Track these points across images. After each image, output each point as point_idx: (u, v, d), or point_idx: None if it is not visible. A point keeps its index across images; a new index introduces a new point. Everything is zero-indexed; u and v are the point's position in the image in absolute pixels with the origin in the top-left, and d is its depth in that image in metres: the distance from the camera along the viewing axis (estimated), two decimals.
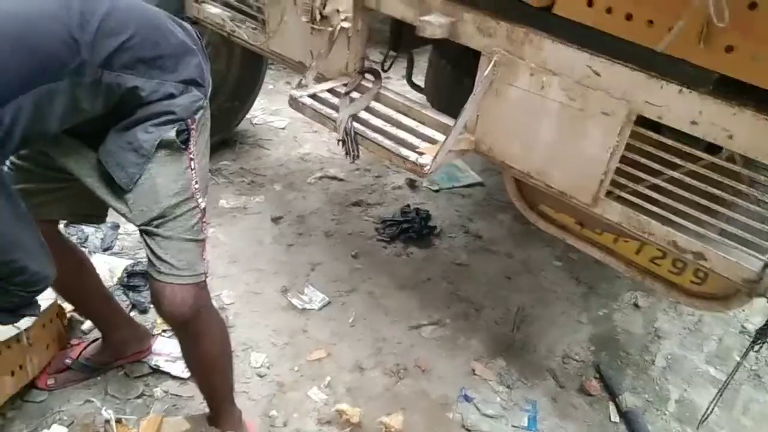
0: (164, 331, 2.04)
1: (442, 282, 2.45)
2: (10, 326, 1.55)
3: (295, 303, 2.25)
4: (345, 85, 1.89)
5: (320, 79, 1.98)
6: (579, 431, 1.92)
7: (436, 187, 3.05)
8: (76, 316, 2.06)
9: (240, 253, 2.44)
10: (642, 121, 1.35)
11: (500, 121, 1.61)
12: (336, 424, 1.83)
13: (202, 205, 1.38)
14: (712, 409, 1.63)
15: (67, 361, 1.84)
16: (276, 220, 2.68)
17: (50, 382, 1.81)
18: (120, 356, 1.90)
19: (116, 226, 2.43)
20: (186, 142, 1.32)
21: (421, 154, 1.61)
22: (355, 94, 1.86)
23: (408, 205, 2.85)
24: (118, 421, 1.58)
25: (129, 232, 2.42)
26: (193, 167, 1.35)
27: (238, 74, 2.85)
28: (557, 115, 1.48)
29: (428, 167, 1.56)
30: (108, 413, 1.60)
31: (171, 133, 1.28)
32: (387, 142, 1.65)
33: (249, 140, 3.25)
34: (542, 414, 1.96)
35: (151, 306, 2.13)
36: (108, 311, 1.86)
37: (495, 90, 1.58)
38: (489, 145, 1.67)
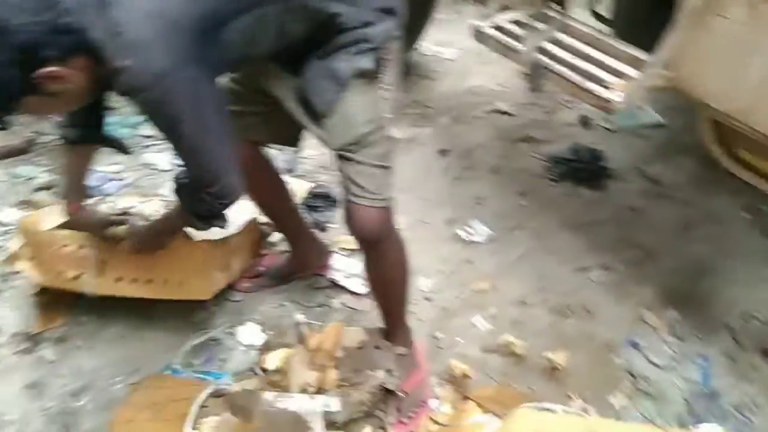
0: (342, 249, 2.20)
1: (613, 226, 2.37)
2: (220, 231, 1.76)
3: (460, 234, 2.31)
4: (530, 15, 1.84)
5: (504, 9, 1.94)
6: (758, 395, 1.80)
7: (612, 126, 2.89)
8: (266, 229, 2.29)
9: (409, 183, 2.51)
10: None
11: (705, 56, 1.48)
12: (500, 354, 1.88)
13: (393, 134, 1.44)
14: None
15: (261, 269, 2.07)
16: (443, 152, 2.72)
17: (246, 285, 2.05)
18: (304, 269, 2.09)
19: (299, 151, 2.61)
20: (381, 71, 1.37)
21: (610, 89, 1.54)
22: (540, 25, 1.80)
23: (580, 144, 2.74)
24: (308, 324, 1.75)
25: (310, 156, 2.59)
26: (386, 97, 1.40)
27: (410, 3, 2.84)
28: None
29: (619, 103, 1.50)
30: (300, 317, 1.77)
31: (368, 62, 1.33)
32: (574, 76, 1.60)
33: (418, 72, 3.28)
34: (716, 371, 1.86)
35: (330, 225, 2.31)
36: (298, 228, 2.03)
37: (701, 22, 1.45)
38: (689, 82, 1.55)
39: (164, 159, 2.68)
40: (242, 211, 2.01)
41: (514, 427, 1.48)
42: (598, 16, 2.50)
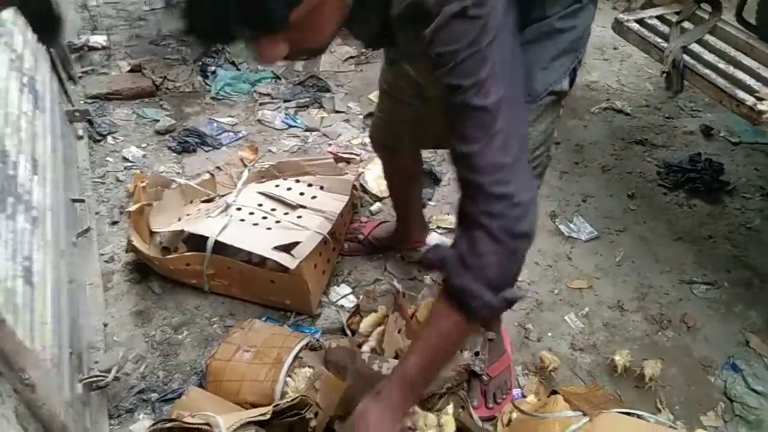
0: (438, 227, 2.22)
1: (725, 243, 2.25)
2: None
3: (562, 229, 2.27)
4: (677, 13, 1.76)
5: (647, 6, 1.87)
6: None
7: (736, 139, 2.73)
8: (367, 197, 2.34)
9: None
10: None
11: None
12: (589, 354, 1.85)
13: None
14: None
15: (360, 236, 2.12)
16: (554, 144, 2.66)
17: (345, 247, 2.10)
18: (402, 243, 2.12)
19: None
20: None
21: (760, 99, 1.46)
22: (687, 24, 1.72)
23: (699, 154, 2.60)
24: (403, 294, 1.79)
25: None
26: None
27: None
28: None
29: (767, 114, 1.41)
30: (399, 285, 1.81)
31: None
32: (720, 81, 1.52)
33: None
34: None
35: (429, 202, 2.33)
36: (415, 207, 2.07)
37: None
38: None
39: (279, 118, 2.78)
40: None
41: (604, 428, 1.46)
42: (745, 23, 2.34)
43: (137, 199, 2.02)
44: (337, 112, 2.84)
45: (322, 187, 2.16)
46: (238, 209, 2.04)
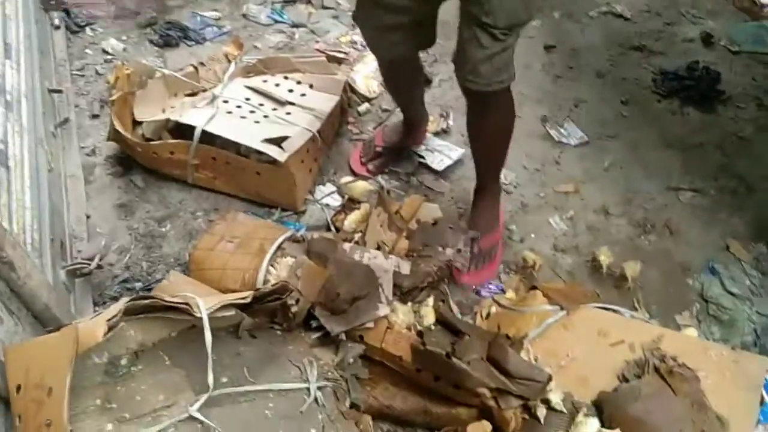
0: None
1: (715, 151, 2.23)
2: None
3: (552, 134, 2.24)
4: None
5: None
6: None
7: (736, 48, 2.65)
8: (355, 97, 2.28)
9: None
10: None
11: None
12: (570, 255, 1.87)
13: None
14: None
15: (378, 148, 2.05)
16: (548, 48, 2.59)
17: (371, 168, 2.03)
18: (412, 140, 2.09)
19: None
20: None
21: None
22: None
23: (697, 62, 2.54)
24: (387, 191, 1.78)
25: None
26: None
27: None
28: None
29: None
30: (383, 181, 1.80)
31: None
32: None
33: None
34: None
35: None
36: (420, 103, 2.04)
37: None
38: None
39: (265, 12, 2.67)
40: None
41: (580, 321, 1.50)
42: None
43: (121, 87, 1.95)
44: (326, 8, 2.72)
45: (311, 86, 2.10)
46: (225, 102, 2.00)
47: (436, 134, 2.20)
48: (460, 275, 1.73)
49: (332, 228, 1.83)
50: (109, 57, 2.42)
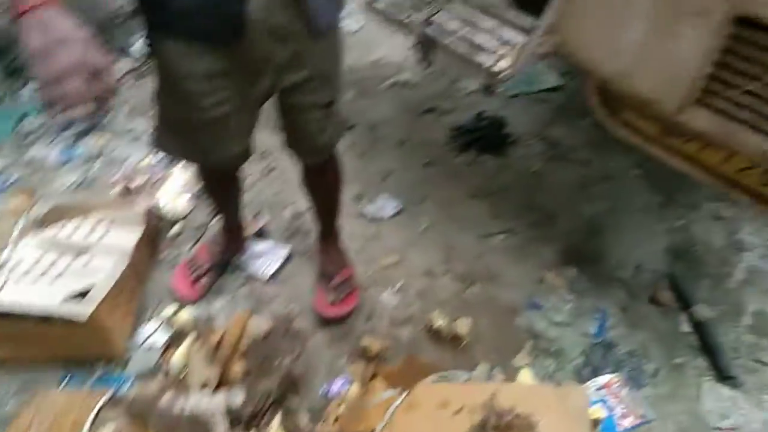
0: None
1: (514, 191, 2.43)
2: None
3: (367, 211, 2.31)
4: None
5: None
6: (648, 340, 1.92)
7: (513, 92, 2.94)
8: (165, 220, 2.21)
9: None
10: (741, 21, 1.24)
11: (587, 21, 1.52)
12: (407, 326, 1.91)
13: None
14: None
15: (204, 267, 1.98)
16: (349, 128, 2.69)
17: (199, 289, 1.96)
18: (237, 248, 2.07)
19: None
20: None
21: (499, 58, 1.56)
22: None
23: (482, 112, 2.78)
24: (208, 320, 1.72)
25: None
26: None
27: None
28: (648, 15, 1.37)
29: (506, 73, 1.51)
30: (193, 311, 1.73)
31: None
32: (462, 48, 1.60)
33: None
34: (611, 322, 1.96)
35: None
36: (239, 211, 2.02)
37: None
38: (573, 46, 1.57)
39: (55, 151, 2.53)
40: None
41: (422, 398, 1.52)
42: None
43: None
44: (119, 133, 2.64)
45: (111, 224, 2.01)
46: (16, 263, 1.84)
47: (257, 237, 2.18)
48: (325, 310, 1.88)
49: (161, 371, 1.72)
50: None
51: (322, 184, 1.82)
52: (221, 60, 1.26)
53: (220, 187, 1.86)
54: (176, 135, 1.47)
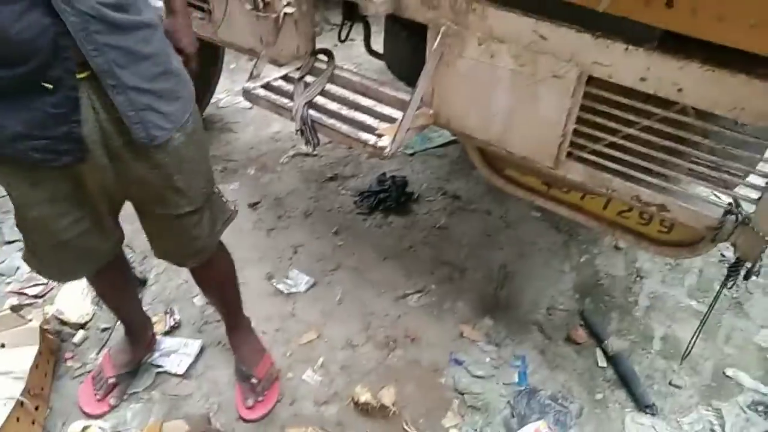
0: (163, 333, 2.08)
1: (424, 248, 2.48)
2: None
3: (281, 288, 2.28)
4: (298, 69, 1.86)
5: (275, 64, 1.95)
6: (568, 380, 1.98)
7: (410, 151, 3.04)
8: (67, 329, 2.09)
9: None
10: (594, 81, 1.34)
11: (455, 92, 1.60)
12: (333, 404, 1.88)
13: None
14: (695, 342, 1.68)
15: (111, 379, 1.87)
16: (253, 205, 2.68)
17: (111, 402, 1.85)
18: (143, 350, 1.97)
19: None
20: None
21: (380, 136, 1.60)
22: (309, 78, 1.84)
23: (384, 174, 2.84)
24: None
25: None
26: None
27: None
28: (510, 81, 1.47)
29: (388, 149, 1.56)
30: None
31: None
32: (344, 128, 1.64)
33: (217, 125, 3.21)
34: (532, 368, 2.01)
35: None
36: (139, 311, 1.95)
37: (446, 62, 1.57)
38: (447, 117, 1.66)
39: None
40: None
41: None
42: (373, 53, 2.61)
43: None
44: (9, 242, 2.49)
45: (3, 345, 1.87)
46: None
47: (167, 333, 2.10)
48: (246, 414, 1.83)
49: None
50: None
51: (211, 281, 1.77)
52: (63, 182, 1.24)
53: (109, 287, 1.77)
54: (41, 257, 1.42)
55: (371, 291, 2.28)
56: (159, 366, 1.98)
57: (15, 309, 1.99)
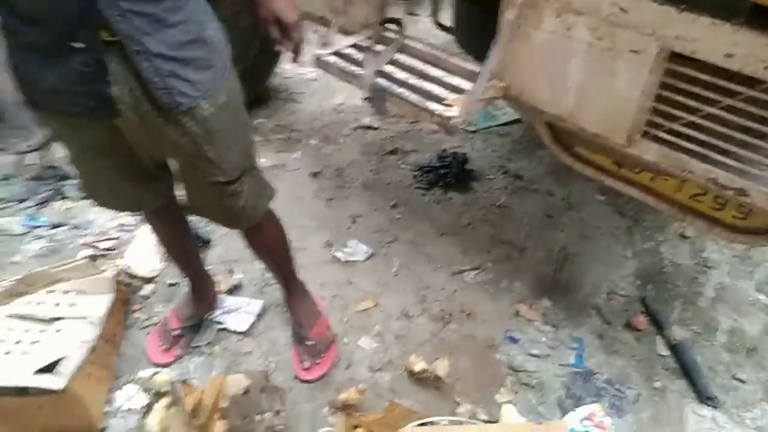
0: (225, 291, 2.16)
1: (482, 225, 2.46)
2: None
3: (339, 256, 2.31)
4: (368, 38, 1.87)
5: (344, 33, 1.96)
6: (626, 366, 1.94)
7: (472, 128, 3.01)
8: (135, 282, 2.19)
9: (283, 211, 2.44)
10: (675, 57, 1.30)
11: (528, 65, 1.57)
12: (387, 371, 1.91)
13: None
14: None
15: (176, 332, 1.96)
16: (315, 174, 2.72)
17: (176, 354, 1.94)
18: (206, 305, 2.05)
19: None
20: None
21: (449, 106, 1.60)
22: (379, 47, 1.84)
23: (444, 150, 2.83)
24: (184, 382, 1.69)
25: None
26: None
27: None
28: (586, 55, 1.43)
29: (457, 120, 1.55)
30: (168, 376, 1.71)
31: None
32: (413, 97, 1.64)
33: (282, 95, 3.26)
34: (588, 351, 1.98)
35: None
36: (200, 267, 2.02)
37: (520, 34, 1.54)
38: (519, 90, 1.64)
39: (18, 221, 2.50)
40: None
41: None
42: (443, 27, 2.59)
43: None
44: (85, 198, 2.62)
45: (80, 292, 1.98)
46: None
47: (230, 292, 2.17)
48: (302, 375, 1.87)
49: None
50: None
51: (260, 247, 1.81)
52: (100, 132, 1.31)
53: (166, 234, 1.84)
54: (91, 191, 1.54)
55: (427, 265, 2.29)
56: (221, 323, 2.05)
57: (90, 259, 2.09)
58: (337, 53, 1.81)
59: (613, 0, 1.32)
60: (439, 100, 1.62)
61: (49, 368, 1.69)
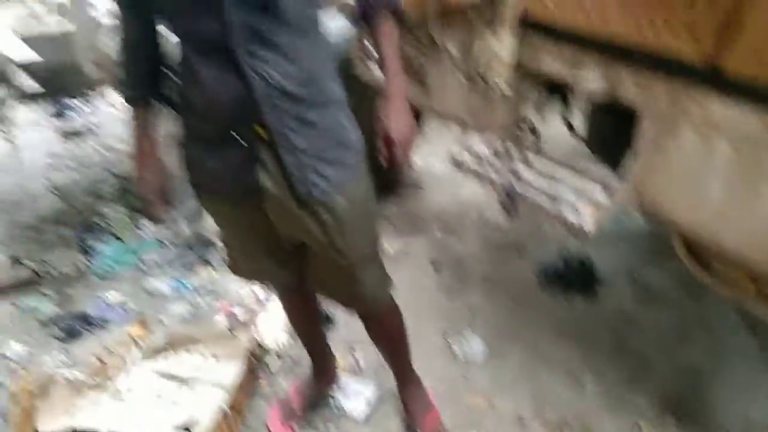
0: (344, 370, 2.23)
1: (606, 334, 2.39)
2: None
3: (455, 349, 2.33)
4: (504, 141, 1.96)
5: (479, 132, 2.07)
6: None
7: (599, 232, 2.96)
8: (264, 352, 2.32)
9: (402, 298, 2.55)
10: None
11: (666, 179, 1.58)
12: None
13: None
14: None
15: (296, 408, 2.06)
16: (435, 264, 2.79)
17: (296, 429, 2.04)
18: (326, 385, 2.14)
19: None
20: None
21: (582, 214, 1.63)
22: (513, 151, 1.92)
23: (569, 250, 2.81)
24: None
25: None
26: None
27: None
28: (728, 172, 1.42)
29: (589, 230, 1.57)
30: None
31: None
32: (547, 203, 1.69)
33: (409, 183, 3.42)
34: None
35: None
36: (324, 345, 2.12)
37: (658, 147, 1.56)
38: (654, 203, 1.63)
39: (167, 284, 2.77)
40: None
41: None
42: (574, 131, 2.63)
43: (24, 406, 1.93)
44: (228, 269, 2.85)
45: (215, 356, 2.15)
46: (129, 391, 2.00)
47: (349, 373, 2.24)
48: None
49: None
50: (10, 362, 2.39)
51: (379, 335, 1.88)
52: (249, 213, 1.47)
53: (296, 312, 1.96)
54: (235, 265, 1.72)
55: (545, 369, 2.24)
56: (339, 404, 2.11)
57: (227, 326, 2.26)
58: (471, 152, 1.91)
59: (759, 118, 1.31)
60: (572, 207, 1.65)
61: (184, 427, 1.83)
